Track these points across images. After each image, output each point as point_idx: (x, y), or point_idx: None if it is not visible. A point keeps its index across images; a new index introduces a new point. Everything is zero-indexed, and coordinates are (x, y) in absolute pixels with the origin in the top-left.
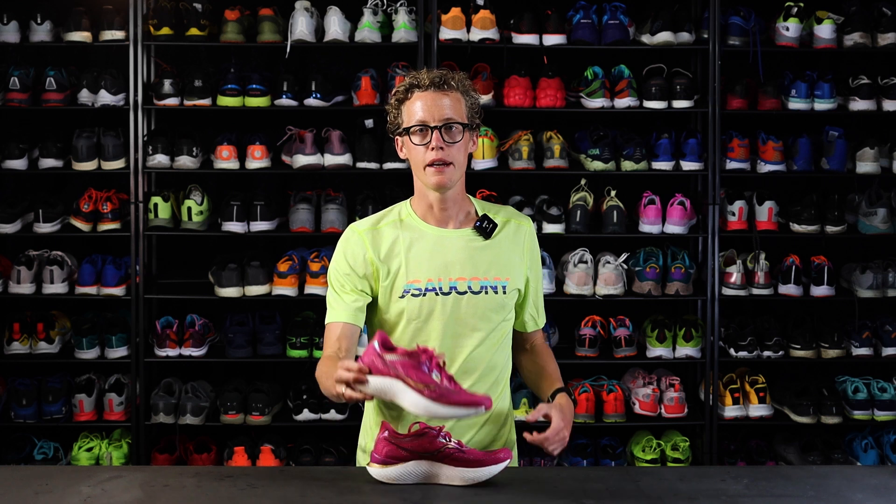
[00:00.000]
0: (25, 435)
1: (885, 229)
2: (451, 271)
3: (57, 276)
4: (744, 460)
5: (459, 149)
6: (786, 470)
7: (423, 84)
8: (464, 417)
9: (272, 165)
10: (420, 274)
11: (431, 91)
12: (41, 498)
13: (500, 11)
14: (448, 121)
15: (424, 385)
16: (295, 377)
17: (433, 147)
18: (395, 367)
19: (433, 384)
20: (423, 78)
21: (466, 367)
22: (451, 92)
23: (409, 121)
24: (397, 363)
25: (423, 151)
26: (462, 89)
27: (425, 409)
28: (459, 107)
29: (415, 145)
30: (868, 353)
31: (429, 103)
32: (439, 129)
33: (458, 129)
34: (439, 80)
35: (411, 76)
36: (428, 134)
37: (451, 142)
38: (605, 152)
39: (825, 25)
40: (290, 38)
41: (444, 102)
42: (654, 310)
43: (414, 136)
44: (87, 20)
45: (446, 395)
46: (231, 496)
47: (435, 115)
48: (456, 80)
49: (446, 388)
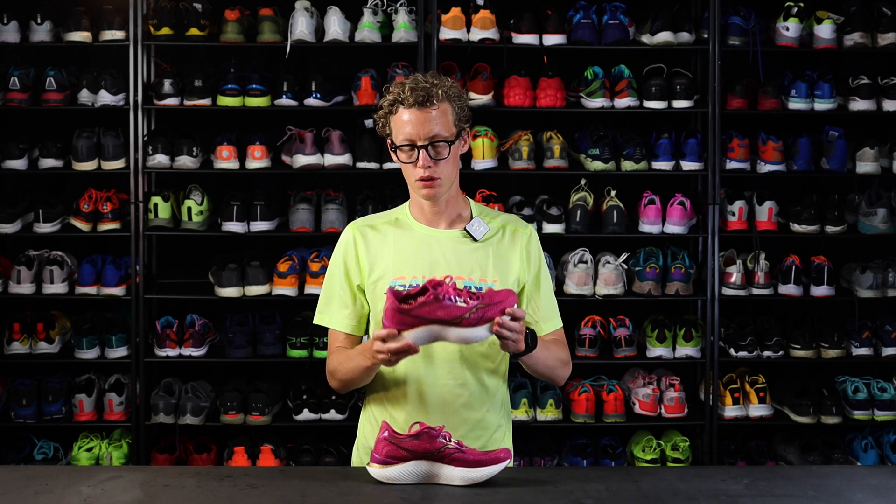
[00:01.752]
0: (25, 435)
1: (885, 229)
2: (437, 269)
3: (57, 276)
4: (744, 460)
5: (447, 163)
6: (786, 470)
7: (406, 102)
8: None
9: (272, 165)
10: (406, 271)
11: (416, 109)
12: (41, 498)
13: (500, 11)
14: (434, 139)
15: (459, 317)
16: (295, 377)
17: (420, 166)
18: (421, 316)
19: (465, 311)
20: (406, 95)
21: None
22: (436, 106)
23: (397, 136)
24: (422, 311)
25: (412, 168)
26: (448, 97)
27: (475, 336)
28: (446, 119)
29: (403, 162)
30: (868, 353)
31: (413, 121)
32: (426, 148)
33: (444, 146)
34: (423, 99)
35: (396, 89)
36: (415, 153)
37: (437, 158)
38: (605, 152)
39: (825, 25)
40: (290, 38)
41: (429, 118)
42: (654, 310)
43: (402, 154)
44: (87, 20)
45: (483, 314)
46: (231, 496)
47: (421, 133)
48: (441, 89)
49: (477, 308)
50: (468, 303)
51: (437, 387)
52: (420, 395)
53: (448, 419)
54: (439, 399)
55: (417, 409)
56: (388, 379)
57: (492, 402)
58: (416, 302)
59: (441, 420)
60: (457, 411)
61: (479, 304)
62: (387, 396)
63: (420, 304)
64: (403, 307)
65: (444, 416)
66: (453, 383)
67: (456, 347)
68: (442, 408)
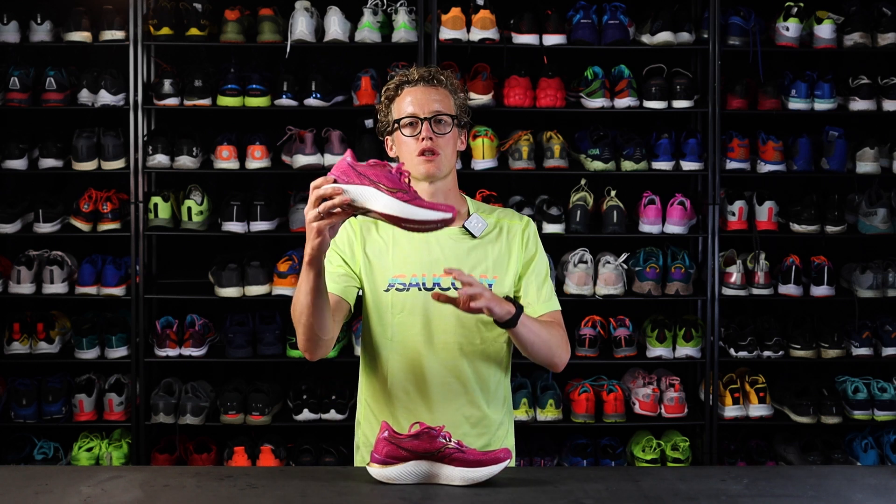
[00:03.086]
0: (25, 435)
1: (885, 229)
2: (436, 267)
3: (57, 276)
4: (744, 460)
5: (448, 141)
6: (786, 470)
7: (412, 79)
8: (430, 225)
9: (272, 165)
10: (405, 269)
11: (421, 85)
12: (41, 498)
13: (500, 11)
14: (437, 113)
15: (398, 189)
16: (295, 377)
17: (423, 137)
18: (368, 176)
19: (406, 189)
20: (412, 74)
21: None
22: (440, 87)
23: (400, 114)
24: (369, 172)
25: (413, 142)
26: (451, 88)
27: (400, 210)
28: (448, 102)
29: (405, 137)
30: (868, 353)
31: (419, 97)
32: (429, 121)
33: (447, 122)
34: (428, 76)
35: (400, 74)
36: (418, 125)
37: (440, 133)
38: (605, 152)
39: (825, 25)
40: (290, 38)
41: (433, 96)
42: (654, 310)
43: (405, 129)
44: (87, 20)
45: (418, 201)
46: (231, 496)
47: (425, 107)
48: (445, 76)
49: (416, 194)
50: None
51: (438, 383)
52: (421, 391)
53: (450, 416)
54: (441, 395)
55: (419, 405)
56: (389, 376)
57: (494, 398)
58: (369, 162)
59: (443, 417)
60: (459, 407)
61: (416, 193)
62: (388, 394)
63: (372, 166)
64: (355, 165)
65: (446, 413)
66: (454, 379)
67: (456, 342)
68: (444, 404)
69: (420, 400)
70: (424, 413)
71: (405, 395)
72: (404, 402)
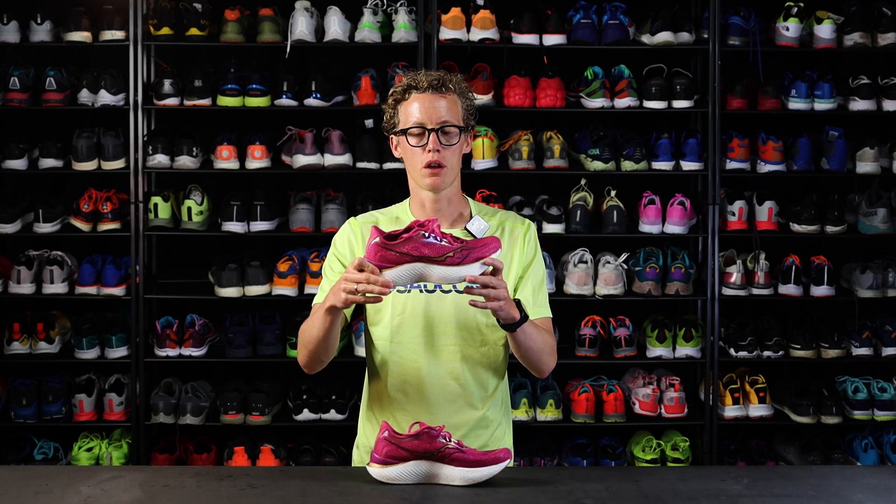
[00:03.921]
0: (25, 435)
1: (885, 229)
2: None
3: (57, 276)
4: (744, 460)
5: (454, 152)
6: (786, 470)
7: (420, 86)
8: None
9: (272, 165)
10: None
11: (429, 93)
12: (41, 498)
13: (500, 11)
14: (444, 123)
15: (443, 255)
16: (295, 377)
17: (430, 149)
18: (408, 252)
19: (451, 246)
20: (420, 80)
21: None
22: (448, 94)
23: (406, 122)
24: (407, 247)
25: (420, 153)
26: (459, 91)
27: (458, 275)
28: (456, 109)
29: (411, 147)
30: (868, 353)
31: (426, 105)
32: (436, 132)
33: (454, 132)
34: (437, 83)
35: (409, 77)
36: (425, 136)
37: (447, 144)
38: (605, 152)
39: (825, 25)
40: (290, 38)
41: (441, 105)
42: (654, 310)
43: (411, 138)
44: (87, 20)
45: (464, 252)
46: (231, 496)
47: (432, 117)
48: (453, 82)
49: (461, 248)
50: (452, 244)
51: (437, 385)
52: (420, 393)
53: (449, 418)
54: (440, 398)
55: (418, 407)
56: (388, 378)
57: (492, 400)
58: (402, 238)
59: (442, 418)
60: (458, 410)
61: (463, 245)
62: (387, 395)
63: (405, 239)
64: (388, 242)
65: (445, 414)
66: (453, 382)
67: (456, 345)
68: (442, 406)
69: (419, 401)
70: (423, 414)
71: (403, 397)
72: (402, 403)
